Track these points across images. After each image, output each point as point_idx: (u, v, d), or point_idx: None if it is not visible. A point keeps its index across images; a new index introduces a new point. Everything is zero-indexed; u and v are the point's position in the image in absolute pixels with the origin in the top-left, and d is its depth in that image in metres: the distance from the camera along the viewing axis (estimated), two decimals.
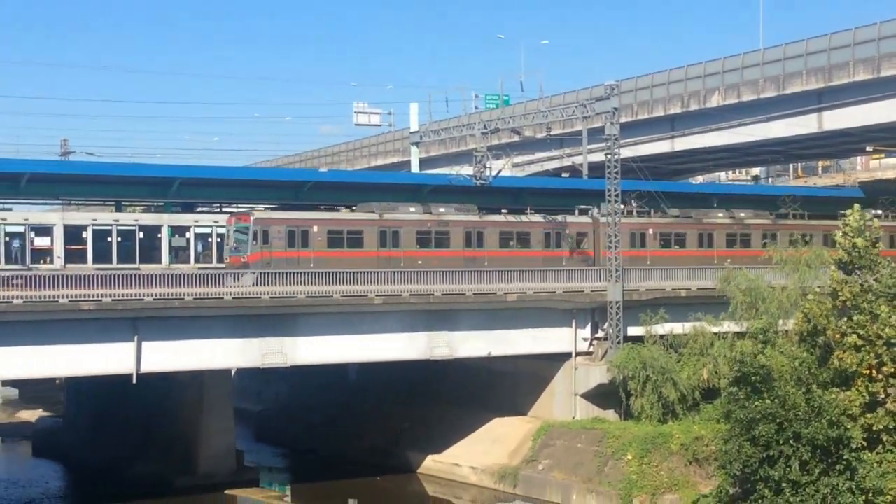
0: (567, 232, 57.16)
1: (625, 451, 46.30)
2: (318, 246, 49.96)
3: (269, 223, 49.28)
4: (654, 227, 59.40)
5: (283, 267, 47.69)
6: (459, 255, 53.62)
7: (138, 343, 44.06)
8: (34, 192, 52.70)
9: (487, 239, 54.85)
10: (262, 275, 46.51)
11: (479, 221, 55.03)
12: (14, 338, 42.07)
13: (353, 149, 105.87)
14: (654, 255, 58.60)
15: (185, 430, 54.02)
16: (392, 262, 51.06)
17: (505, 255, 54.81)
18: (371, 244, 51.56)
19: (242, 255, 48.85)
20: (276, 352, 47.12)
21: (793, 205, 64.04)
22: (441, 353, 50.83)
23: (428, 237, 53.44)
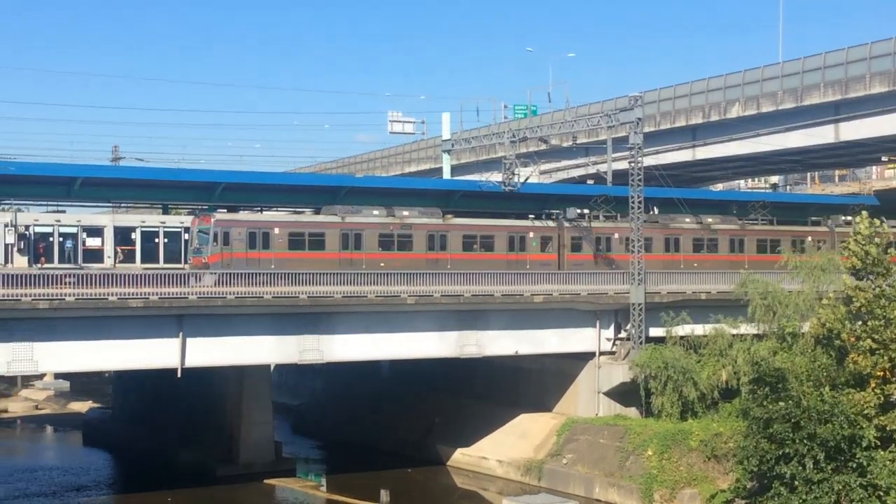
0: (531, 236, 55.73)
1: (646, 447, 46.10)
2: (280, 248, 48.53)
3: (229, 224, 47.77)
4: (621, 231, 57.28)
5: (243, 268, 46.49)
6: (422, 257, 52.14)
7: (183, 339, 44.33)
8: (86, 196, 53.06)
9: (451, 242, 53.30)
10: (223, 275, 45.07)
11: (442, 225, 53.40)
12: (66, 333, 42.44)
13: (388, 156, 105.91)
14: (621, 258, 56.52)
15: (227, 421, 54.34)
16: (354, 264, 49.69)
17: (468, 258, 53.28)
18: (333, 246, 49.96)
19: (203, 256, 47.65)
20: (313, 348, 47.24)
21: (761, 211, 63.06)
22: (470, 352, 50.81)
23: (391, 240, 51.72)
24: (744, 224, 62.48)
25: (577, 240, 56.40)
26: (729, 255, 60.12)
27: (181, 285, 43.64)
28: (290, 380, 74.02)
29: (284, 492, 50.72)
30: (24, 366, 42.32)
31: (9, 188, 51.90)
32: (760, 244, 62.03)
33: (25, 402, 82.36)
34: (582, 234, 56.51)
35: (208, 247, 47.36)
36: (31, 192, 53.12)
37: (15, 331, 41.48)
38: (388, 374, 64.71)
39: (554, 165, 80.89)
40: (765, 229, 62.92)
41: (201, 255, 47.69)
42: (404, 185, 68.32)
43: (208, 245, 47.39)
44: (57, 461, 60.38)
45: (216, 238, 47.27)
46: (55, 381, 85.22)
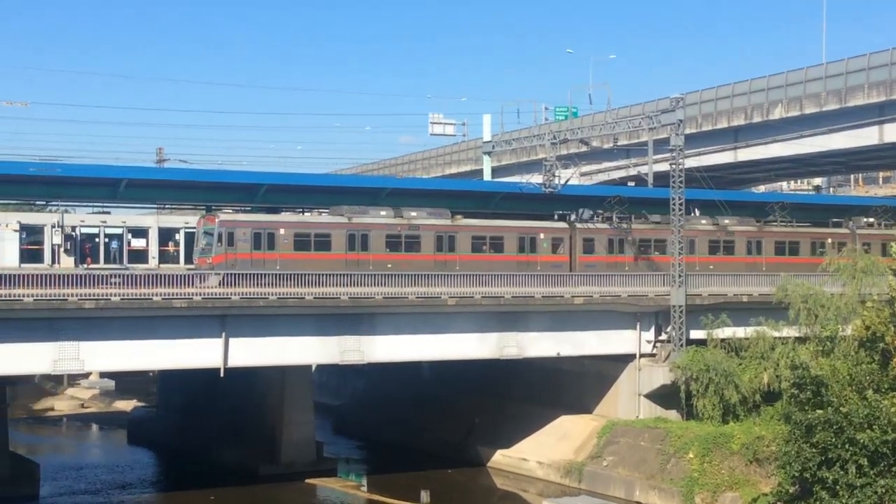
0: (542, 237, 55.05)
1: (687, 450, 45.77)
2: (285, 248, 47.83)
3: (234, 225, 47.37)
4: (634, 233, 56.64)
5: (247, 269, 45.99)
6: (430, 258, 51.47)
7: (226, 339, 44.63)
8: (131, 197, 53.57)
9: (459, 243, 52.59)
10: (227, 276, 44.76)
11: (450, 226, 52.73)
12: (112, 333, 42.87)
13: (429, 157, 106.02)
14: (633, 260, 56.08)
15: (269, 421, 54.62)
16: (360, 266, 49.19)
17: (477, 259, 52.57)
18: (339, 247, 49.23)
19: (208, 257, 47.34)
20: (354, 349, 47.37)
21: (780, 212, 61.61)
22: (511, 353, 50.71)
23: (398, 241, 50.97)
24: (761, 226, 61.19)
25: (590, 241, 55.66)
26: (746, 257, 59.02)
27: (224, 286, 43.91)
28: (331, 380, 74.29)
29: (325, 491, 50.92)
30: (70, 365, 42.80)
31: (56, 189, 52.52)
32: (779, 246, 60.74)
33: (71, 400, 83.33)
34: (594, 235, 55.81)
35: (213, 247, 47.12)
36: (78, 193, 53.70)
37: (61, 330, 41.98)
38: (429, 375, 64.75)
39: (594, 167, 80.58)
40: (783, 231, 61.47)
41: (206, 255, 47.50)
42: (445, 186, 68.23)
43: (213, 245, 47.16)
44: (102, 459, 61.04)
45: (220, 238, 47.00)
46: (100, 380, 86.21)
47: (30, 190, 52.46)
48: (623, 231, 56.49)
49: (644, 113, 64.17)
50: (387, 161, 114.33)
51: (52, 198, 55.19)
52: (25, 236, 50.42)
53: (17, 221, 49.91)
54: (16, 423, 65.83)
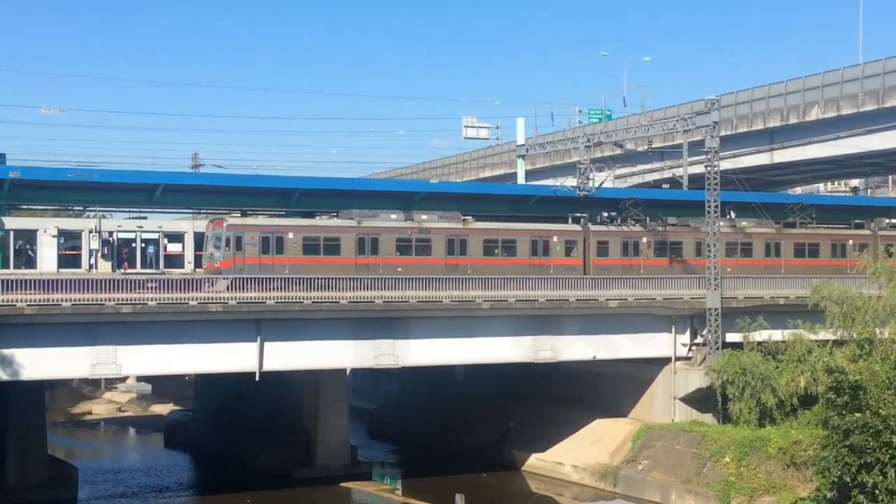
0: (555, 240, 54.38)
1: (723, 454, 45.47)
2: (294, 252, 47.67)
3: (242, 229, 47.22)
4: (649, 236, 56.15)
5: (255, 273, 45.81)
6: (441, 262, 51.08)
7: (261, 343, 44.85)
8: (167, 202, 54.01)
9: (471, 247, 52.12)
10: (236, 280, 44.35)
11: (462, 229, 52.24)
12: (148, 337, 43.23)
13: (462, 161, 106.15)
14: (648, 263, 55.52)
15: (304, 425, 54.82)
16: (371, 270, 48.89)
17: (489, 262, 52.14)
18: (348, 251, 48.94)
19: (216, 261, 47.18)
20: (389, 353, 47.47)
21: (801, 213, 60.47)
22: (545, 356, 50.62)
23: (408, 245, 50.56)
24: (780, 227, 60.03)
25: (604, 244, 55.11)
26: (764, 259, 58.07)
27: (259, 289, 44.14)
28: (365, 384, 74.46)
29: (360, 495, 51.03)
30: (107, 369, 43.22)
31: (93, 195, 53.06)
32: (798, 248, 59.81)
33: (109, 404, 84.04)
34: (609, 238, 55.29)
35: (220, 252, 47.01)
36: (114, 198, 54.27)
37: (99, 334, 42.40)
38: (463, 378, 64.74)
39: (629, 170, 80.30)
40: (803, 233, 60.37)
41: (214, 260, 47.42)
42: (478, 190, 68.38)
43: (220, 250, 47.05)
44: (139, 462, 61.52)
45: (228, 243, 46.89)
46: (137, 384, 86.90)
47: (68, 196, 53.02)
48: (638, 234, 55.94)
49: (679, 115, 63.88)
50: (420, 165, 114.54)
51: (89, 203, 55.81)
52: (63, 242, 50.98)
53: (55, 227, 50.45)
54: (54, 427, 66.56)
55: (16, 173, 48.77)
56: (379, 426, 68.30)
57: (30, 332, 41.20)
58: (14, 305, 39.82)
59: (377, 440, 65.51)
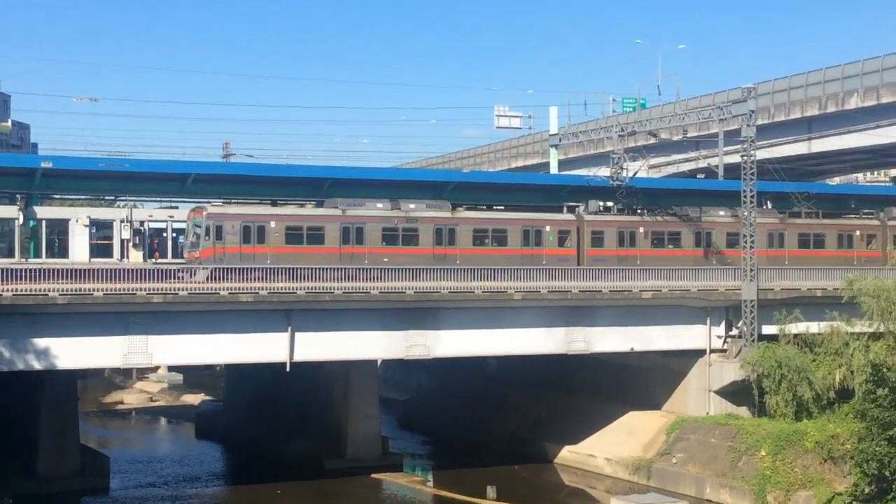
0: (548, 230, 53.47)
1: (759, 447, 45.18)
2: (276, 242, 47.19)
3: (222, 218, 46.78)
4: (646, 225, 55.15)
5: (236, 263, 45.36)
6: (429, 252, 50.34)
7: (292, 333, 45.03)
8: (198, 192, 54.23)
9: (460, 236, 51.32)
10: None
11: (450, 218, 51.43)
12: (179, 327, 43.54)
13: (495, 151, 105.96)
14: (645, 254, 54.59)
15: (335, 415, 55.02)
16: (355, 259, 48.33)
17: (478, 252, 51.31)
18: (333, 241, 48.37)
19: (196, 251, 46.84)
20: (420, 344, 47.51)
21: (805, 203, 59.08)
22: (578, 348, 50.49)
23: (395, 234, 49.89)
24: (784, 217, 58.75)
25: (599, 234, 54.26)
26: (767, 250, 56.65)
27: (290, 280, 44.28)
28: (396, 375, 74.62)
29: (391, 486, 51.15)
30: (139, 358, 43.55)
31: (124, 185, 53.41)
32: (802, 239, 58.70)
33: (140, 394, 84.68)
34: (604, 227, 54.52)
35: (200, 241, 46.73)
36: (146, 188, 54.58)
37: (131, 324, 42.74)
38: (495, 370, 64.71)
39: (663, 160, 79.89)
40: (807, 223, 59.11)
41: (194, 249, 47.09)
42: (510, 179, 68.24)
43: (200, 239, 46.78)
44: (171, 452, 61.97)
45: (208, 232, 46.60)
46: (169, 374, 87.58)
47: (99, 185, 53.42)
48: (634, 223, 55.10)
49: (714, 103, 63.45)
50: (452, 154, 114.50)
51: (120, 193, 56.13)
52: (95, 231, 51.39)
53: (87, 217, 50.88)
54: (86, 417, 67.13)
55: (48, 163, 49.22)
56: (410, 417, 68.45)
57: (62, 321, 41.59)
58: (47, 295, 40.16)
59: (408, 431, 65.65)
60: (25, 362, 41.55)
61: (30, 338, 41.37)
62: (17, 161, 57.33)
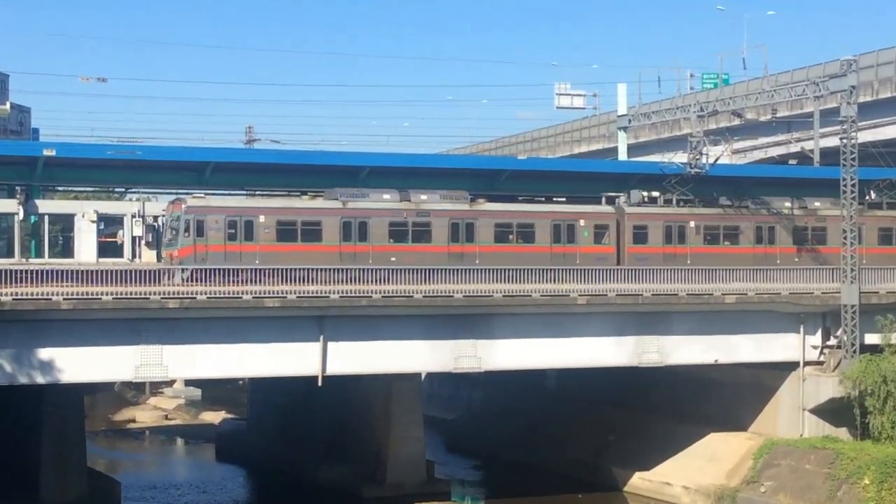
0: (582, 224, 53.05)
1: (861, 475, 44.76)
2: (266, 239, 47.16)
3: (204, 212, 46.64)
4: (697, 218, 54.59)
5: (220, 263, 45.32)
6: (443, 250, 50.05)
7: (324, 343, 45.26)
8: (218, 182, 54.74)
9: (480, 232, 50.91)
10: None
11: (468, 211, 51.03)
12: (197, 335, 43.90)
13: (554, 134, 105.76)
14: (696, 251, 54.13)
15: (373, 436, 55.19)
16: (358, 259, 48.06)
17: (500, 251, 50.95)
18: (332, 237, 48.28)
19: (174, 249, 46.69)
20: (470, 355, 47.55)
21: (889, 192, 57.87)
22: (651, 360, 50.29)
23: (404, 230, 49.66)
24: (863, 209, 56.85)
25: (642, 229, 53.85)
26: (839, 247, 54.86)
27: (322, 283, 44.49)
28: (443, 390, 74.73)
29: None
30: (152, 371, 43.99)
31: (135, 175, 54.04)
32: (883, 234, 57.93)
33: (154, 411, 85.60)
34: (648, 221, 54.05)
35: (179, 238, 46.71)
36: (160, 178, 55.20)
37: (143, 333, 43.15)
38: (555, 384, 64.65)
39: (749, 143, 79.28)
40: (890, 215, 58.41)
41: (172, 247, 47.14)
42: (572, 167, 68.27)
43: (179, 236, 46.78)
44: (188, 477, 62.56)
45: (188, 228, 46.53)
46: (186, 389, 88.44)
47: (108, 175, 54.09)
48: (684, 216, 54.64)
49: (808, 79, 62.85)
50: (505, 139, 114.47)
51: (132, 184, 56.82)
52: (104, 227, 51.98)
53: (94, 211, 51.41)
54: (94, 436, 67.98)
55: (50, 151, 49.87)
56: (458, 439, 68.54)
57: (67, 329, 42.12)
58: (49, 299, 40.71)
59: (456, 455, 65.76)
60: (26, 375, 42.06)
61: (31, 347, 41.88)
62: (17, 148, 58.15)
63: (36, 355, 41.95)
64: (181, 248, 46.49)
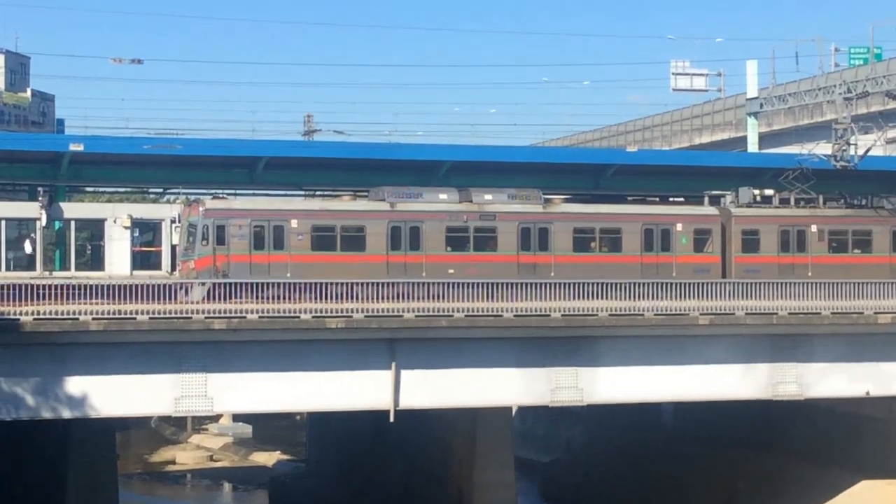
0: (679, 229, 52.37)
1: None
2: (299, 247, 47.32)
3: (225, 215, 46.82)
4: (820, 221, 53.66)
5: (244, 276, 45.51)
6: (511, 260, 49.58)
7: (396, 371, 45.26)
8: (272, 181, 55.31)
9: (555, 239, 50.44)
10: None
11: (541, 214, 50.61)
12: (248, 362, 43.99)
13: (669, 122, 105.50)
14: (820, 261, 53.32)
15: (455, 481, 55.25)
16: (409, 270, 47.91)
17: (580, 261, 50.39)
18: (377, 245, 48.30)
19: (190, 260, 46.93)
20: (570, 386, 47.30)
21: None
22: (788, 392, 49.68)
23: (464, 236, 49.70)
24: None
25: (752, 234, 53.23)
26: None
27: (394, 299, 44.56)
28: (537, 427, 74.64)
29: None
30: (195, 404, 44.28)
31: (176, 173, 54.75)
32: None
33: (197, 450, 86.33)
34: (759, 225, 53.31)
35: (196, 246, 46.84)
36: (203, 177, 55.83)
37: (185, 358, 43.40)
38: (672, 420, 64.34)
39: None
40: None
41: (188, 258, 47.27)
42: (692, 161, 67.76)
43: (195, 244, 46.88)
44: None
45: (206, 234, 46.58)
46: (234, 425, 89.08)
47: (144, 174, 54.89)
48: (804, 219, 53.83)
49: None
50: (611, 128, 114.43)
51: (171, 184, 57.55)
52: (139, 234, 52.62)
53: (128, 215, 52.03)
54: (128, 480, 68.78)
55: (78, 145, 50.66)
56: (556, 484, 68.42)
57: (97, 354, 42.52)
58: (76, 319, 41.08)
59: (553, 503, 65.50)
60: (50, 408, 42.45)
61: (55, 375, 42.25)
62: (39, 143, 59.12)
63: (61, 385, 42.31)
64: (198, 258, 46.71)
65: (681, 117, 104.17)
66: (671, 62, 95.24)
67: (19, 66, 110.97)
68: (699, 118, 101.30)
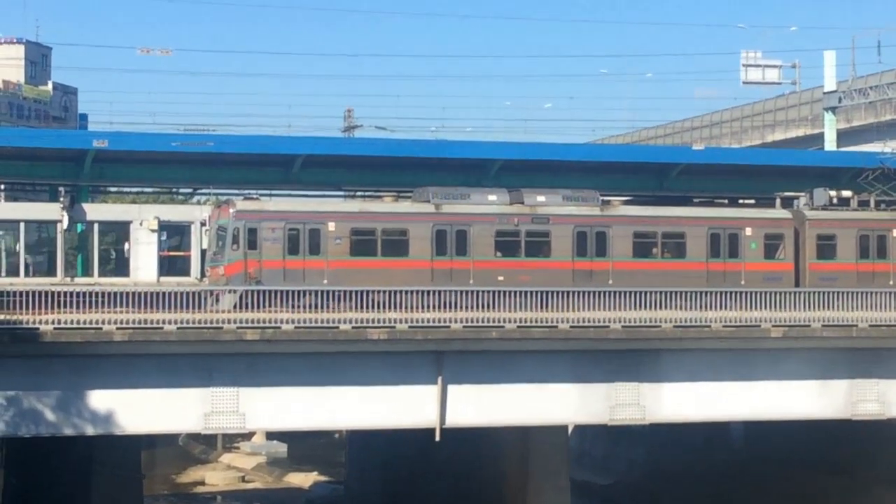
0: (749, 233, 52.16)
1: None
2: (337, 252, 47.48)
3: (257, 217, 47.14)
4: None
5: (278, 282, 45.71)
6: (566, 266, 49.48)
7: (443, 385, 45.26)
8: (309, 180, 55.43)
9: (614, 244, 50.33)
10: None
11: (598, 217, 50.51)
12: (283, 375, 44.11)
13: (740, 118, 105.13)
14: None
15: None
16: (456, 277, 47.91)
17: (640, 267, 50.45)
18: (421, 250, 48.43)
19: (220, 266, 47.21)
20: (631, 402, 47.20)
21: None
22: (869, 411, 49.38)
23: (514, 240, 49.76)
24: None
25: (829, 239, 52.99)
26: None
27: (440, 308, 44.54)
28: (595, 448, 74.46)
29: None
30: (226, 421, 44.43)
31: (206, 172, 54.95)
32: None
33: (228, 471, 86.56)
34: (837, 229, 52.96)
35: (225, 251, 47.06)
36: (237, 176, 56.09)
37: (215, 372, 43.61)
38: (741, 441, 64.08)
39: None
40: None
41: (217, 263, 47.48)
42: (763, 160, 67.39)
43: (225, 249, 47.13)
44: None
45: (236, 238, 46.77)
46: (268, 444, 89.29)
47: (172, 173, 55.15)
48: (886, 223, 53.46)
49: None
50: (676, 124, 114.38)
51: (201, 183, 57.78)
52: (166, 238, 52.86)
53: (155, 218, 52.27)
54: (154, 502, 69.07)
55: (102, 142, 50.99)
56: None
57: (121, 366, 42.75)
58: (100, 329, 41.34)
59: None
60: (72, 425, 42.76)
61: (77, 389, 42.56)
62: (61, 140, 59.52)
63: (83, 399, 42.57)
64: (228, 263, 46.92)
65: (752, 112, 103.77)
66: (741, 53, 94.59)
67: (40, 57, 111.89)
68: (771, 113, 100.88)
